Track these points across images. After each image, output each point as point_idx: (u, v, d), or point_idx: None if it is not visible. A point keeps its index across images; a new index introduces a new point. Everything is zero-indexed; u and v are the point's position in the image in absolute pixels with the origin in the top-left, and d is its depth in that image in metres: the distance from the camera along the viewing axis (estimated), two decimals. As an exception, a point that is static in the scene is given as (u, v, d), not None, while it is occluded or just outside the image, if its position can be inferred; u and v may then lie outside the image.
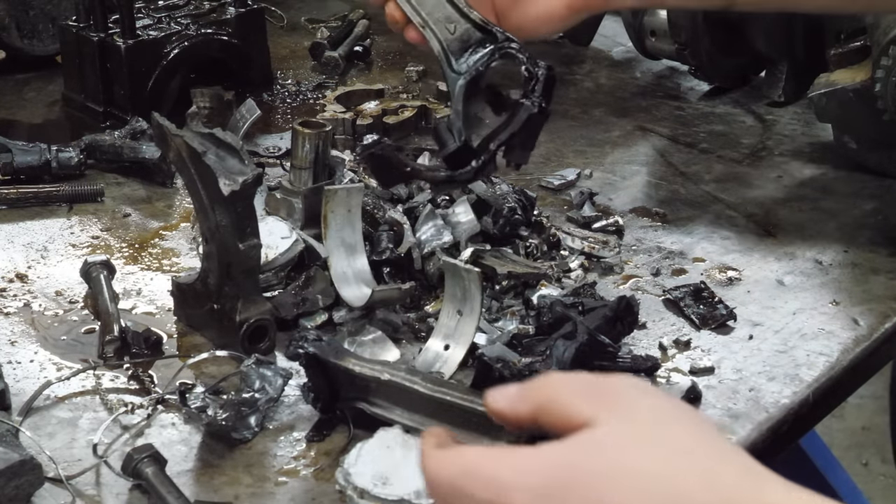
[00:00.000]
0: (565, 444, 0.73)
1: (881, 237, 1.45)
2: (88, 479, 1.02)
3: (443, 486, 0.74)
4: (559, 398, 0.75)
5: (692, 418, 0.75)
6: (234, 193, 1.11)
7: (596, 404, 0.74)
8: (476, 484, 0.73)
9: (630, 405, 0.74)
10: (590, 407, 0.73)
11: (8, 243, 1.42)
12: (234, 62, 1.77)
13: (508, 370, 1.07)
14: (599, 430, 0.72)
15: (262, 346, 1.18)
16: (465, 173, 1.08)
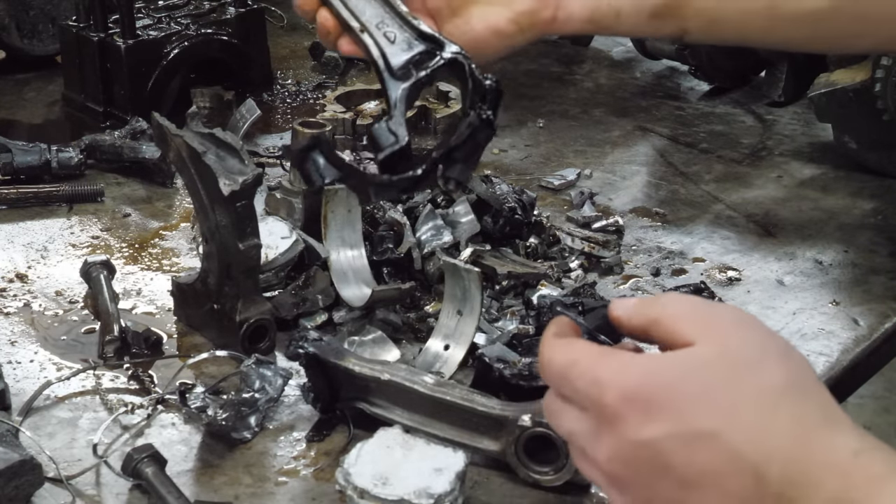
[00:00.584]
0: (662, 358, 0.77)
1: (881, 237, 1.45)
2: (88, 479, 1.02)
3: (553, 371, 0.80)
4: (668, 317, 0.79)
5: (787, 354, 0.77)
6: (234, 193, 1.11)
7: (698, 328, 0.78)
8: (578, 375, 0.78)
9: (729, 334, 0.77)
10: (692, 329, 0.77)
11: (8, 243, 1.42)
12: (234, 62, 1.77)
13: (508, 370, 1.07)
14: (695, 352, 0.76)
15: (262, 346, 1.18)
16: (405, 179, 0.98)
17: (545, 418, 0.83)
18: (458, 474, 0.96)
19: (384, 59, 1.01)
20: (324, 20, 1.04)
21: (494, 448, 1.02)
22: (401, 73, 1.01)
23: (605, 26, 1.05)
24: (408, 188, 1.00)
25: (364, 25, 1.02)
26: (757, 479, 0.73)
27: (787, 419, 0.74)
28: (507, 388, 1.06)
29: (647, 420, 0.75)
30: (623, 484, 0.77)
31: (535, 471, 1.00)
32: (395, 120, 0.98)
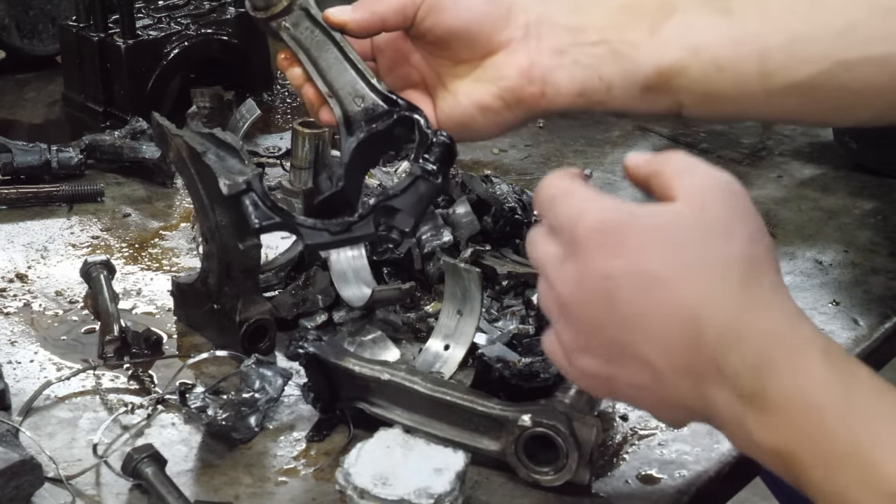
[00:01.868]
0: (644, 208, 0.83)
1: (881, 237, 1.45)
2: (88, 479, 1.02)
3: (544, 197, 0.88)
4: (668, 171, 0.85)
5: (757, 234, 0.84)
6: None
7: (688, 188, 0.84)
8: (565, 204, 0.85)
9: (714, 200, 0.84)
10: (683, 188, 0.84)
11: (8, 243, 1.42)
12: (234, 62, 1.77)
13: (508, 370, 1.07)
14: (675, 208, 0.83)
15: (262, 346, 1.18)
16: (338, 224, 1.00)
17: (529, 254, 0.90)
18: (458, 474, 0.96)
19: (346, 119, 1.05)
20: (308, 94, 1.07)
21: (494, 448, 1.02)
22: (356, 128, 1.05)
23: (596, 101, 1.03)
24: (341, 234, 1.01)
25: (335, 91, 1.06)
26: (696, 336, 0.79)
27: (736, 288, 0.79)
28: (507, 388, 1.06)
29: (610, 256, 0.81)
30: (572, 314, 0.84)
31: (535, 471, 1.00)
32: (336, 169, 1.01)
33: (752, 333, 0.79)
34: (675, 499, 1.02)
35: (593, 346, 0.84)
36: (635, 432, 1.10)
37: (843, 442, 0.75)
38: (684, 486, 1.03)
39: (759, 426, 0.78)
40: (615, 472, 1.05)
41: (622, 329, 0.82)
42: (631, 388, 0.84)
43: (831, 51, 0.98)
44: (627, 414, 1.12)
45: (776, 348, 0.79)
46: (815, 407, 0.77)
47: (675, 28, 1.00)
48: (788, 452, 0.77)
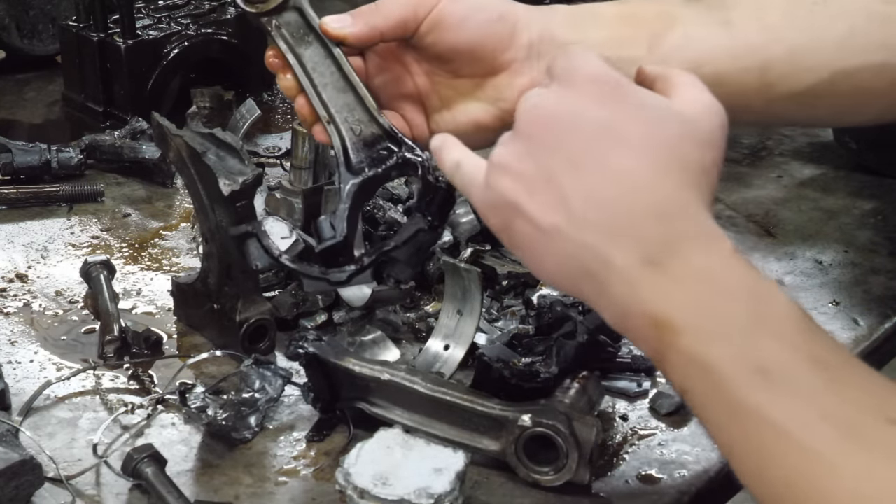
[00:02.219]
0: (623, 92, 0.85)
1: (881, 237, 1.45)
2: (88, 479, 1.02)
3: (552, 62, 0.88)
4: (671, 80, 0.87)
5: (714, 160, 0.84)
6: (234, 193, 1.11)
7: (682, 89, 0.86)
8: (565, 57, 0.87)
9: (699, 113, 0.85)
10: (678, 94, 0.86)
11: (8, 243, 1.42)
12: (234, 62, 1.77)
13: (508, 370, 1.07)
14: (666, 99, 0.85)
15: (262, 346, 1.18)
16: (338, 273, 1.00)
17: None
18: (458, 474, 0.96)
19: (344, 152, 1.02)
20: (300, 107, 1.04)
21: (494, 448, 1.02)
22: (356, 168, 1.02)
23: None
24: (340, 283, 1.01)
25: (332, 117, 1.02)
26: (630, 199, 0.80)
27: (683, 187, 0.80)
28: (507, 388, 1.06)
29: (595, 100, 0.83)
30: (532, 129, 0.84)
31: (535, 471, 1.00)
32: (339, 215, 1.00)
33: (682, 221, 0.80)
34: (675, 499, 1.02)
35: (527, 164, 0.84)
36: (635, 432, 1.10)
37: (730, 319, 0.76)
38: (684, 486, 1.03)
39: (649, 289, 0.78)
40: (615, 472, 1.05)
41: (567, 162, 0.82)
42: (530, 225, 0.83)
43: (831, 60, 0.98)
44: (627, 414, 1.12)
45: (699, 238, 0.79)
46: (714, 285, 0.77)
47: (675, 42, 0.99)
48: (667, 319, 0.77)
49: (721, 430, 0.75)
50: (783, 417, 0.71)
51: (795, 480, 0.71)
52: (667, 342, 0.77)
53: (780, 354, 0.74)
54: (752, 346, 0.74)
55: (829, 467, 0.69)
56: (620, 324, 0.81)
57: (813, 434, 0.70)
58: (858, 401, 0.72)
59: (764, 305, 0.76)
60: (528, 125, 0.85)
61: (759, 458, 0.73)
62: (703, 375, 0.75)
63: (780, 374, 0.73)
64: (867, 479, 0.68)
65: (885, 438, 0.69)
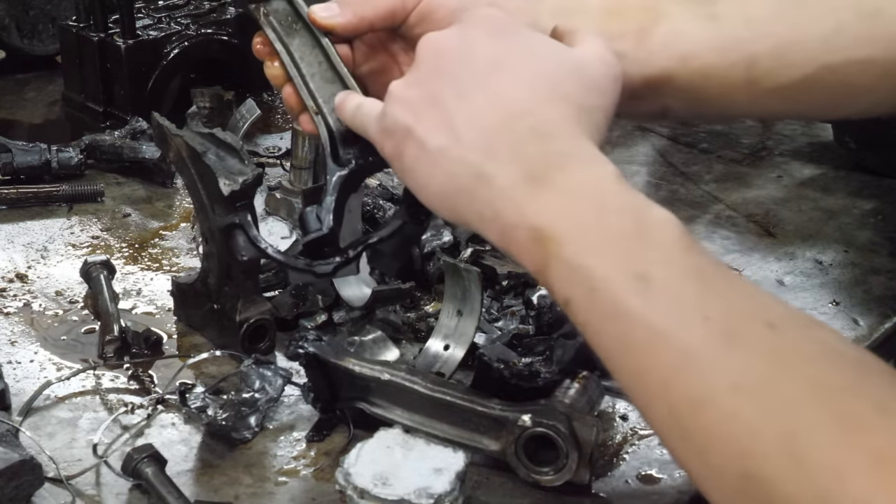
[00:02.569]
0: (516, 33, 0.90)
1: (881, 237, 1.45)
2: (88, 479, 1.02)
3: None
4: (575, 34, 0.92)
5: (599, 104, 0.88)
6: (234, 193, 1.11)
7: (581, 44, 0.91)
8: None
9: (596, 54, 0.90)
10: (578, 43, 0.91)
11: (8, 243, 1.42)
12: (234, 62, 1.77)
13: (508, 370, 1.07)
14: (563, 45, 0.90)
15: (262, 346, 1.18)
16: (324, 265, 1.00)
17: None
18: (458, 474, 0.96)
19: (332, 143, 1.01)
20: (288, 97, 1.04)
21: (494, 448, 1.02)
22: (343, 160, 1.01)
23: None
24: (325, 275, 1.01)
25: (319, 107, 1.02)
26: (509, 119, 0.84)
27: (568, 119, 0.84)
28: (507, 388, 1.06)
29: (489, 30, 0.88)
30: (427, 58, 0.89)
31: (535, 471, 1.00)
32: (325, 207, 0.99)
33: (563, 141, 0.83)
34: (675, 499, 1.02)
35: (418, 91, 0.87)
36: (635, 432, 1.10)
37: (611, 230, 0.78)
38: (684, 486, 1.03)
39: (531, 203, 0.80)
40: (615, 472, 1.05)
41: (454, 88, 0.86)
42: (418, 147, 0.86)
43: (817, 55, 0.98)
44: (627, 414, 1.12)
45: (581, 157, 0.82)
46: (595, 199, 0.79)
47: (662, 36, 0.99)
48: (549, 231, 0.79)
49: (601, 335, 0.77)
50: (662, 320, 0.73)
51: (673, 380, 0.72)
52: (549, 253, 0.79)
53: (660, 263, 0.75)
54: (633, 255, 0.76)
55: (708, 366, 0.70)
56: (503, 240, 0.83)
57: (691, 335, 0.72)
58: (737, 306, 0.73)
59: (645, 219, 0.78)
60: (423, 55, 0.89)
61: (637, 361, 0.74)
62: (583, 283, 0.77)
63: (659, 280, 0.74)
64: (746, 374, 0.69)
65: (764, 340, 0.70)
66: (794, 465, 0.65)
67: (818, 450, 0.64)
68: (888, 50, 0.97)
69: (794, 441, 0.65)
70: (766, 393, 0.68)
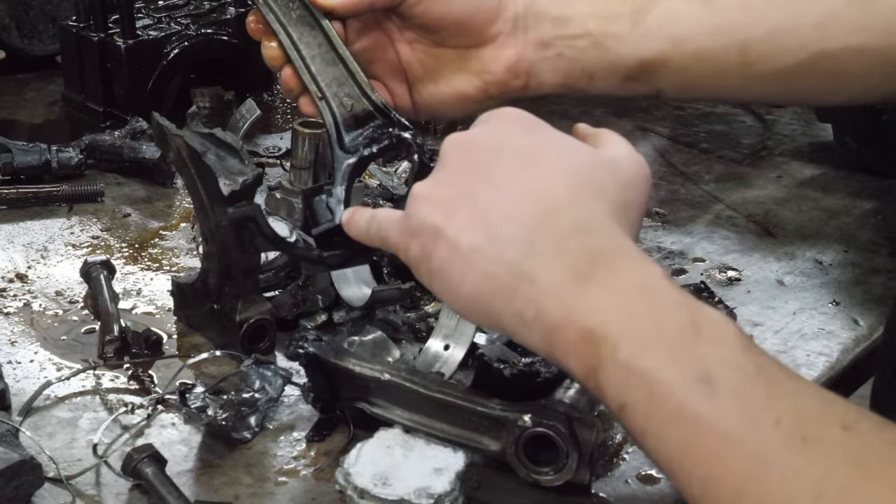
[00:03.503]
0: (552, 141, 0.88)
1: (881, 237, 1.45)
2: (88, 479, 1.02)
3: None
4: (601, 136, 0.91)
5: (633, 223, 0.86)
6: (234, 193, 1.11)
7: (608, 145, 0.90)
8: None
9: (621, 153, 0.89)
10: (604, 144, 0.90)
11: (8, 243, 1.42)
12: (234, 62, 1.77)
13: (508, 370, 1.07)
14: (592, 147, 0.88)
15: (262, 346, 1.18)
16: (336, 256, 0.99)
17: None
18: (458, 474, 0.96)
19: (337, 130, 1.00)
20: (287, 78, 1.02)
21: (494, 448, 1.02)
22: (350, 147, 1.00)
23: (577, 88, 1.04)
24: (338, 265, 1.00)
25: (322, 92, 1.00)
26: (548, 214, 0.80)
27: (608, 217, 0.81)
28: (507, 388, 1.06)
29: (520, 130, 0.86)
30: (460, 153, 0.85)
31: (535, 471, 1.00)
32: (336, 197, 0.98)
33: (606, 237, 0.80)
34: (675, 499, 1.02)
35: (447, 189, 0.84)
36: (635, 432, 1.10)
37: (667, 328, 0.74)
38: (684, 486, 1.03)
39: (579, 301, 0.77)
40: (615, 472, 1.05)
41: (486, 184, 0.82)
42: (449, 247, 0.82)
43: (810, 41, 0.98)
44: (627, 414, 1.12)
45: (627, 254, 0.79)
46: (647, 296, 0.76)
47: (658, 19, 0.99)
48: (602, 331, 0.75)
49: (665, 443, 0.73)
50: (732, 425, 0.69)
51: (749, 489, 0.68)
52: (602, 356, 0.75)
53: (723, 362, 0.72)
54: (693, 355, 0.72)
55: (786, 472, 0.67)
56: (547, 343, 0.79)
57: (767, 440, 0.68)
58: (808, 408, 0.70)
59: (700, 318, 0.75)
60: (450, 155, 0.85)
61: (707, 468, 0.70)
62: (643, 387, 0.73)
63: (724, 381, 0.71)
64: (828, 480, 0.66)
65: (842, 443, 0.68)
66: None
67: None
68: (881, 38, 0.98)
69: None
70: (849, 498, 0.65)
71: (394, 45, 1.05)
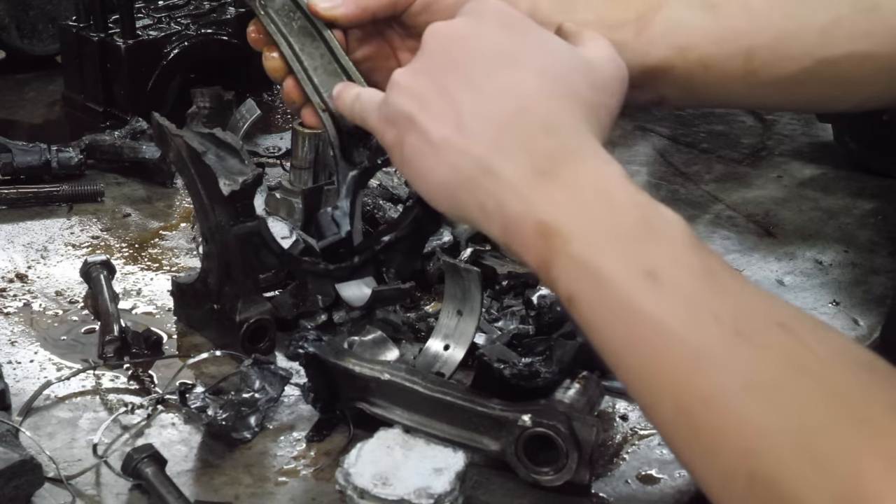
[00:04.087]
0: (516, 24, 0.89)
1: (881, 237, 1.45)
2: (88, 479, 1.02)
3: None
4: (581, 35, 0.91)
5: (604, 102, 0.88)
6: (234, 193, 1.11)
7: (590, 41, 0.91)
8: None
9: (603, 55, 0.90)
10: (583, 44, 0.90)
11: (8, 243, 1.42)
12: (234, 62, 1.77)
13: (508, 370, 1.07)
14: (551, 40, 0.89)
15: (262, 346, 1.18)
16: (342, 269, 1.00)
17: None
18: (458, 474, 0.96)
19: (340, 142, 1.00)
20: (289, 90, 1.02)
21: (494, 448, 1.02)
22: (354, 159, 1.00)
23: None
24: (344, 278, 1.01)
25: (325, 103, 0.99)
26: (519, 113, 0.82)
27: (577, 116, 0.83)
28: (507, 388, 1.06)
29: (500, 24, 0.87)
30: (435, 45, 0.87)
31: (535, 471, 1.00)
32: (341, 210, 0.99)
33: (571, 137, 0.82)
34: (675, 499, 1.02)
35: (424, 80, 0.86)
36: (635, 432, 1.10)
37: (619, 226, 0.76)
38: (684, 486, 1.03)
39: (538, 197, 0.79)
40: (615, 472, 1.05)
41: (462, 78, 0.84)
42: (421, 137, 0.85)
43: (815, 48, 0.98)
44: (627, 414, 1.12)
45: (590, 154, 0.81)
46: (604, 195, 0.78)
47: (661, 26, 0.99)
48: (556, 225, 0.78)
49: (607, 333, 0.75)
50: (672, 318, 0.72)
51: (682, 379, 0.70)
52: (554, 248, 0.78)
53: (669, 260, 0.74)
54: (642, 252, 0.75)
55: (719, 364, 0.69)
56: (505, 234, 0.82)
57: (703, 334, 0.71)
58: (748, 306, 0.72)
59: (652, 217, 0.77)
60: (430, 45, 0.88)
61: (644, 359, 0.73)
62: (590, 280, 0.75)
63: (669, 277, 0.73)
64: (759, 374, 0.68)
65: (776, 339, 0.70)
66: (808, 465, 0.64)
67: (833, 451, 0.63)
68: (886, 44, 0.97)
69: (807, 441, 0.64)
70: (778, 393, 0.67)
71: (395, 53, 1.05)
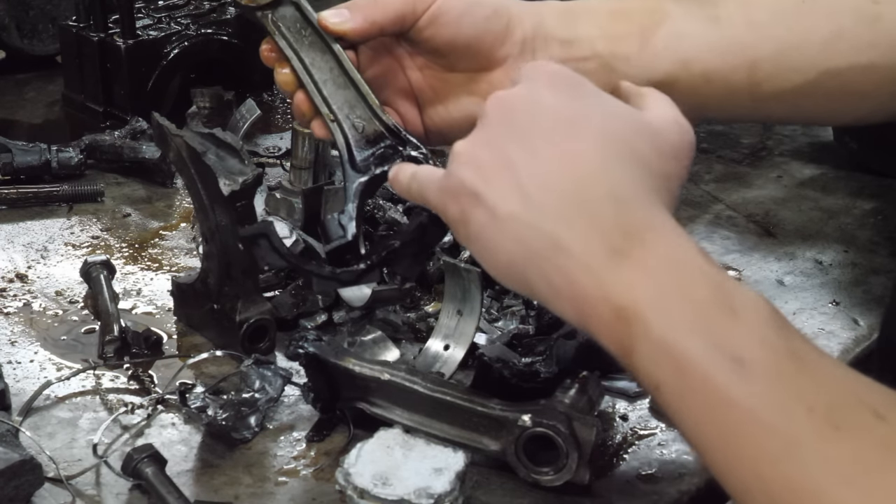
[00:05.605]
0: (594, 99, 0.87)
1: (881, 237, 1.45)
2: (88, 479, 1.02)
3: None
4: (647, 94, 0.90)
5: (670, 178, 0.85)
6: (234, 193, 1.11)
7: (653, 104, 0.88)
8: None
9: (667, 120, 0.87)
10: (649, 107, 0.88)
11: (8, 243, 1.42)
12: (234, 62, 1.77)
13: (508, 370, 1.07)
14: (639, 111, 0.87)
15: (262, 346, 1.18)
16: (348, 273, 0.99)
17: None
18: (458, 474, 0.96)
19: (349, 150, 1.01)
20: (299, 103, 1.03)
21: (494, 448, 1.02)
22: (362, 167, 1.01)
23: None
24: (350, 282, 1.01)
25: (335, 114, 1.01)
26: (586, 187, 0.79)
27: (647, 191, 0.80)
28: (507, 388, 1.06)
29: (567, 95, 0.84)
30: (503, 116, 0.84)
31: (535, 471, 1.00)
32: (347, 214, 0.99)
33: (640, 210, 0.79)
34: (675, 499, 1.02)
35: (486, 152, 0.83)
36: (635, 432, 1.10)
37: (701, 308, 0.74)
38: (684, 486, 1.03)
39: (612, 277, 0.76)
40: (615, 472, 1.05)
41: (524, 149, 0.81)
42: (487, 213, 0.82)
43: (818, 60, 0.98)
44: (627, 414, 1.12)
45: (662, 228, 0.78)
46: (681, 274, 0.75)
47: (665, 39, 0.99)
48: (635, 308, 0.75)
49: (697, 423, 0.73)
50: (762, 408, 0.70)
51: (778, 474, 0.68)
52: (636, 335, 0.75)
53: (756, 345, 0.72)
54: (725, 336, 0.72)
55: (816, 458, 0.68)
56: (579, 314, 0.79)
57: (797, 425, 0.69)
58: (841, 394, 0.70)
59: (733, 295, 0.75)
60: (491, 115, 0.85)
61: (738, 452, 0.71)
62: (674, 366, 0.73)
63: (757, 364, 0.71)
64: (857, 466, 0.66)
65: (873, 430, 0.68)
66: None
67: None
68: (889, 56, 0.98)
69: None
70: (878, 490, 0.65)
71: (404, 70, 1.05)
